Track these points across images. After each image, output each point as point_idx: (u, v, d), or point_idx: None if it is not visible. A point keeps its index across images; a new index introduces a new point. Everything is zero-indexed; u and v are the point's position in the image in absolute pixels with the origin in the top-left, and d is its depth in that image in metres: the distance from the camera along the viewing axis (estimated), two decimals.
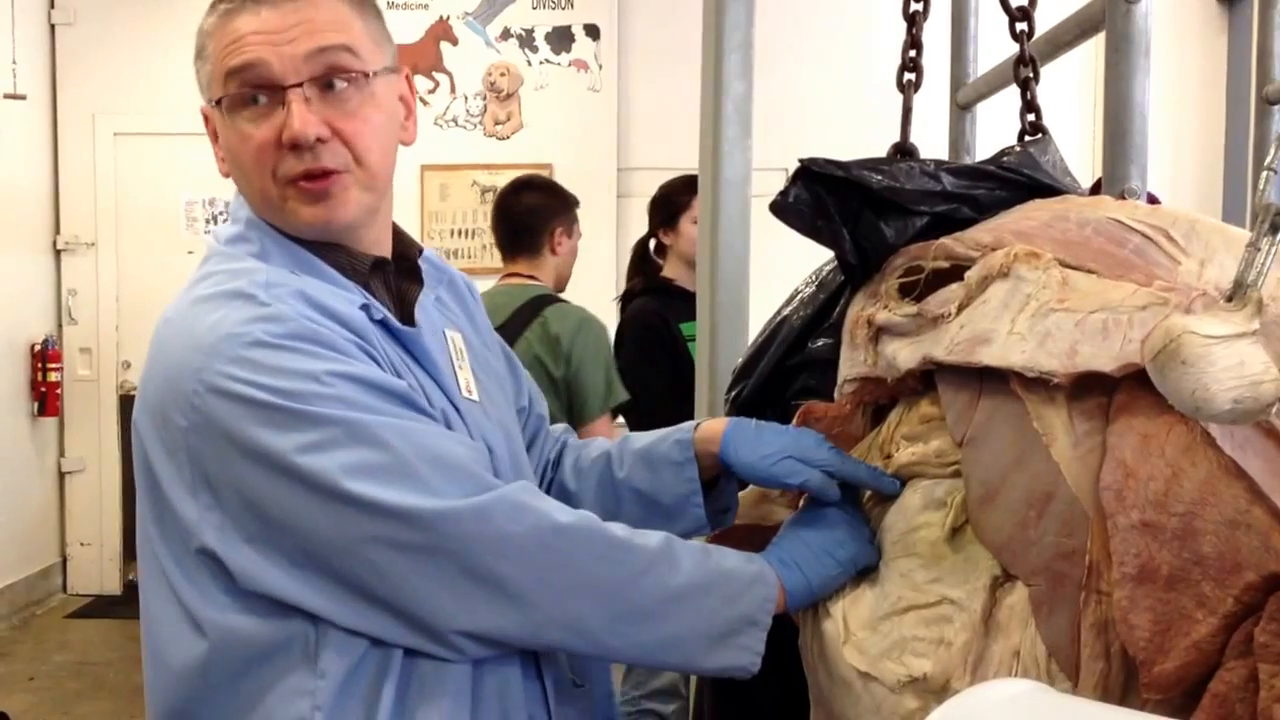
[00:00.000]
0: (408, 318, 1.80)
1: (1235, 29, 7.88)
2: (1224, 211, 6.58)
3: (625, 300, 4.90)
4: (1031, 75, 2.15)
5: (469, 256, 8.13)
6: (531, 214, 4.44)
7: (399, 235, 1.90)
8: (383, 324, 1.72)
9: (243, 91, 1.69)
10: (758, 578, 1.66)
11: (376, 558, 1.55)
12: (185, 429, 1.58)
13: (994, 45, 2.82)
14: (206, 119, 1.79)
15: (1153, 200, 2.08)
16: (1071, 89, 7.29)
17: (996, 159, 1.90)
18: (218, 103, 1.72)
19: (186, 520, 1.60)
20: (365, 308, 1.70)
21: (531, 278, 4.42)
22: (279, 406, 1.54)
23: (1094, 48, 2.26)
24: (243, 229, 1.76)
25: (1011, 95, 2.60)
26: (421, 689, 1.62)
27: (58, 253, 8.30)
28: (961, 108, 2.92)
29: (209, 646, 1.61)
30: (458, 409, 1.76)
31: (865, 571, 1.69)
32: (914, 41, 2.27)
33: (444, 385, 1.77)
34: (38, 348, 8.03)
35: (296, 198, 1.71)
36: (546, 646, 1.69)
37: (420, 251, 1.92)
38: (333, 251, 1.76)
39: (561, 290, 4.48)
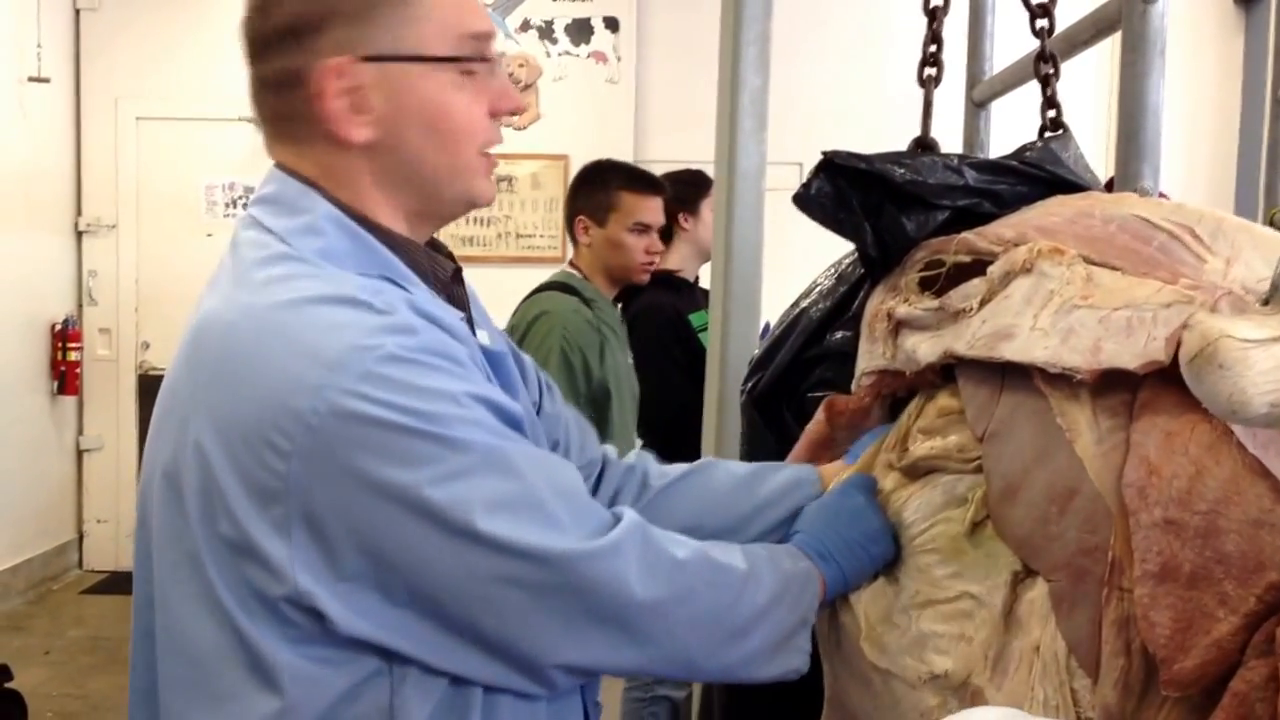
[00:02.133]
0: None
1: (1251, 30, 7.84)
2: (1236, 211, 6.56)
3: (626, 296, 4.74)
4: (1052, 71, 2.14)
5: (485, 245, 8.14)
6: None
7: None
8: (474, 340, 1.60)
9: (485, 60, 1.59)
10: (809, 576, 1.64)
11: (499, 596, 1.44)
12: (289, 454, 1.38)
13: (1010, 43, 2.82)
14: (342, 72, 1.53)
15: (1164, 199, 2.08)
16: (1086, 87, 7.27)
17: (1018, 154, 1.89)
18: (438, 60, 1.56)
19: (272, 561, 1.41)
20: (464, 320, 1.59)
21: (572, 265, 4.44)
22: (415, 430, 1.39)
23: (1109, 46, 2.26)
24: (313, 221, 1.55)
25: (1025, 93, 2.61)
26: None
27: (79, 234, 8.34)
28: (977, 104, 2.92)
29: (286, 701, 1.44)
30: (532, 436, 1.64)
31: (885, 566, 1.69)
32: (934, 36, 2.27)
33: (522, 403, 1.66)
34: (58, 327, 8.07)
35: (485, 171, 1.64)
36: (646, 675, 1.66)
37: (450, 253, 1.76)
38: (418, 254, 1.62)
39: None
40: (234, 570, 1.44)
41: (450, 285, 1.68)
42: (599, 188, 4.40)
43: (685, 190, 4.73)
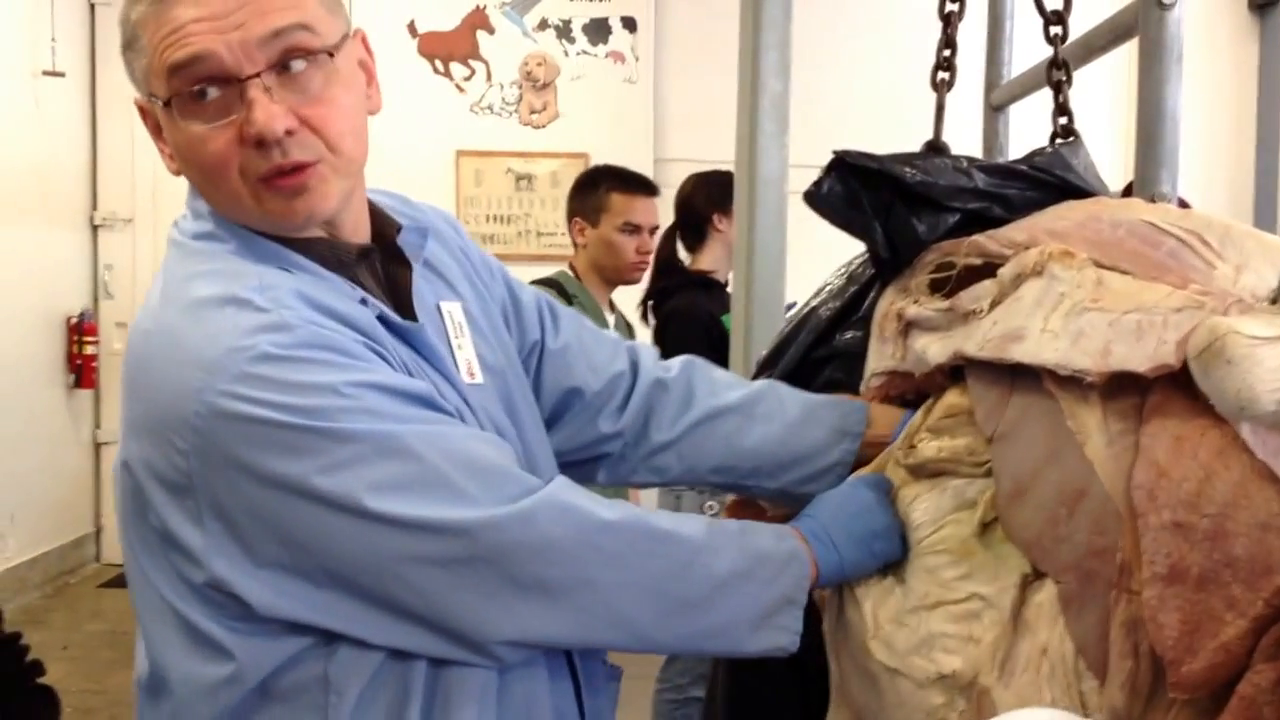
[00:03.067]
0: (404, 308, 1.68)
1: (1267, 37, 7.83)
2: (1256, 218, 6.56)
3: (658, 297, 4.78)
4: (1064, 79, 2.14)
5: (504, 242, 8.14)
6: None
7: (375, 214, 1.74)
8: (381, 319, 1.60)
9: (192, 89, 1.51)
10: (793, 555, 1.63)
11: (413, 575, 1.47)
12: (186, 453, 1.44)
13: (1030, 48, 2.82)
14: (144, 113, 1.59)
15: (1183, 205, 2.08)
16: (1103, 93, 7.25)
17: (1028, 159, 1.89)
18: (164, 102, 1.53)
19: (191, 551, 1.48)
20: (364, 302, 1.59)
21: (570, 266, 4.61)
22: (296, 426, 1.42)
23: (1126, 53, 2.26)
24: (212, 226, 1.60)
25: (1044, 98, 2.61)
26: (447, 697, 1.55)
27: (95, 228, 8.36)
28: (995, 109, 2.91)
29: (235, 668, 1.51)
30: (467, 402, 1.67)
31: (892, 566, 1.69)
32: (948, 41, 2.27)
33: (451, 378, 1.67)
34: (74, 321, 8.08)
35: (271, 197, 1.55)
36: (593, 646, 1.66)
37: (399, 229, 1.74)
38: (312, 244, 1.62)
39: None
40: (164, 559, 1.52)
41: (356, 266, 1.66)
42: (591, 190, 4.54)
43: (718, 190, 4.69)
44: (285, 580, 1.47)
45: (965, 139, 2.54)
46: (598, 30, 8.26)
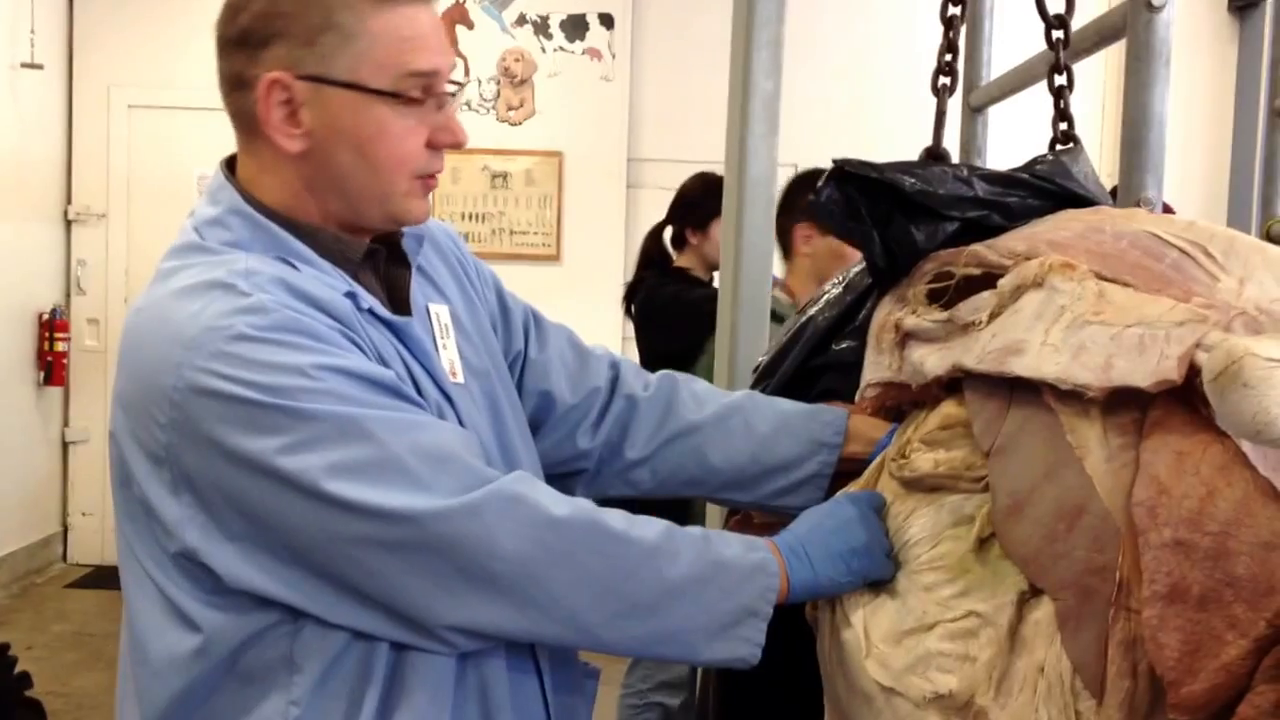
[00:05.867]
0: (400, 306, 1.77)
1: (1246, 39, 7.83)
2: (1230, 218, 6.56)
3: (638, 290, 4.78)
4: (1066, 84, 2.12)
5: (479, 240, 8.11)
6: None
7: None
8: (370, 313, 1.68)
9: (425, 97, 1.67)
10: (758, 567, 1.64)
11: (363, 557, 1.52)
12: (164, 426, 1.53)
13: (1007, 49, 2.82)
14: (282, 86, 1.65)
15: (1168, 210, 2.07)
16: (1078, 96, 7.27)
17: (1029, 167, 1.87)
18: (374, 92, 1.64)
19: (167, 521, 1.56)
20: (351, 295, 1.66)
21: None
22: (263, 404, 1.49)
23: (1104, 57, 2.26)
24: (221, 213, 1.69)
25: (1021, 99, 2.60)
26: (404, 682, 1.59)
27: (68, 223, 8.28)
28: (974, 110, 2.91)
29: (203, 640, 1.58)
30: (449, 397, 1.73)
31: (886, 583, 1.67)
32: (950, 45, 2.25)
33: (435, 373, 1.73)
34: (45, 317, 8.00)
35: (420, 195, 1.72)
36: (542, 641, 1.67)
37: (402, 234, 1.84)
38: (319, 233, 1.71)
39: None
40: (146, 528, 1.60)
41: (360, 265, 1.75)
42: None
43: (694, 204, 4.70)
44: (251, 553, 1.54)
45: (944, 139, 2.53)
46: (575, 26, 8.23)
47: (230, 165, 1.76)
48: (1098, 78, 7.40)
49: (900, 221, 1.79)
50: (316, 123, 1.66)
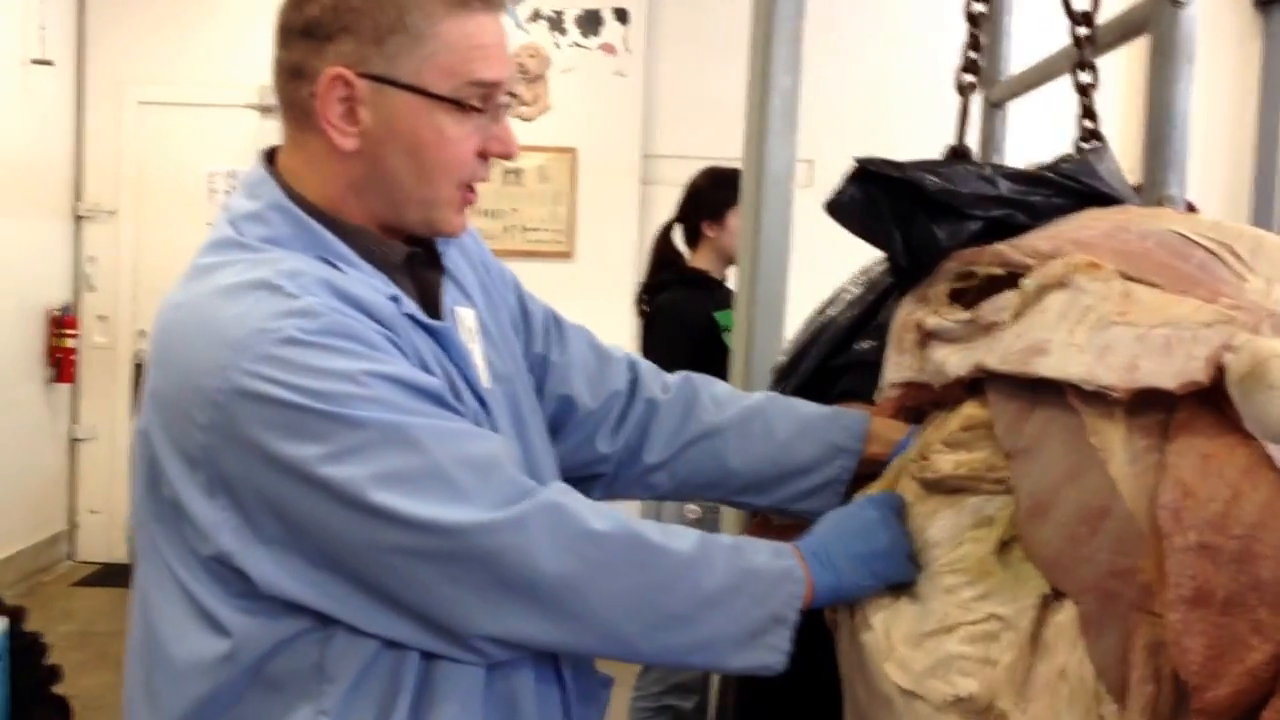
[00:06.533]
0: (432, 309, 1.75)
1: (1271, 34, 7.81)
2: (1252, 220, 6.55)
3: (651, 292, 4.76)
4: (1091, 81, 2.10)
5: (491, 238, 8.09)
6: None
7: None
8: (410, 317, 1.67)
9: (485, 106, 1.66)
10: (786, 574, 1.64)
11: (403, 566, 1.51)
12: (204, 428, 1.51)
13: (1027, 43, 2.81)
14: (344, 82, 1.63)
15: (1190, 209, 2.05)
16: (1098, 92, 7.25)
17: (1054, 165, 1.86)
18: (435, 97, 1.64)
19: (200, 523, 1.54)
20: (395, 299, 1.65)
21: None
22: (310, 409, 1.48)
23: (1126, 53, 2.24)
24: (261, 208, 1.67)
25: (1042, 94, 2.58)
26: (433, 692, 1.59)
27: (78, 219, 8.27)
28: (993, 105, 2.89)
29: (231, 645, 1.56)
30: (485, 404, 1.73)
31: (906, 585, 1.67)
32: (975, 42, 2.23)
33: (472, 380, 1.73)
34: (55, 314, 8.01)
35: (459, 205, 1.72)
36: (576, 652, 1.67)
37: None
38: (366, 238, 1.70)
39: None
40: (175, 530, 1.57)
41: (400, 269, 1.74)
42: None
43: (711, 196, 4.67)
44: (285, 558, 1.53)
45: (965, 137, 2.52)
46: (590, 22, 8.21)
47: (269, 157, 1.75)
48: (1119, 73, 7.37)
49: (922, 220, 1.78)
50: (374, 122, 1.64)
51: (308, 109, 1.65)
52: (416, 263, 1.78)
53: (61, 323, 8.01)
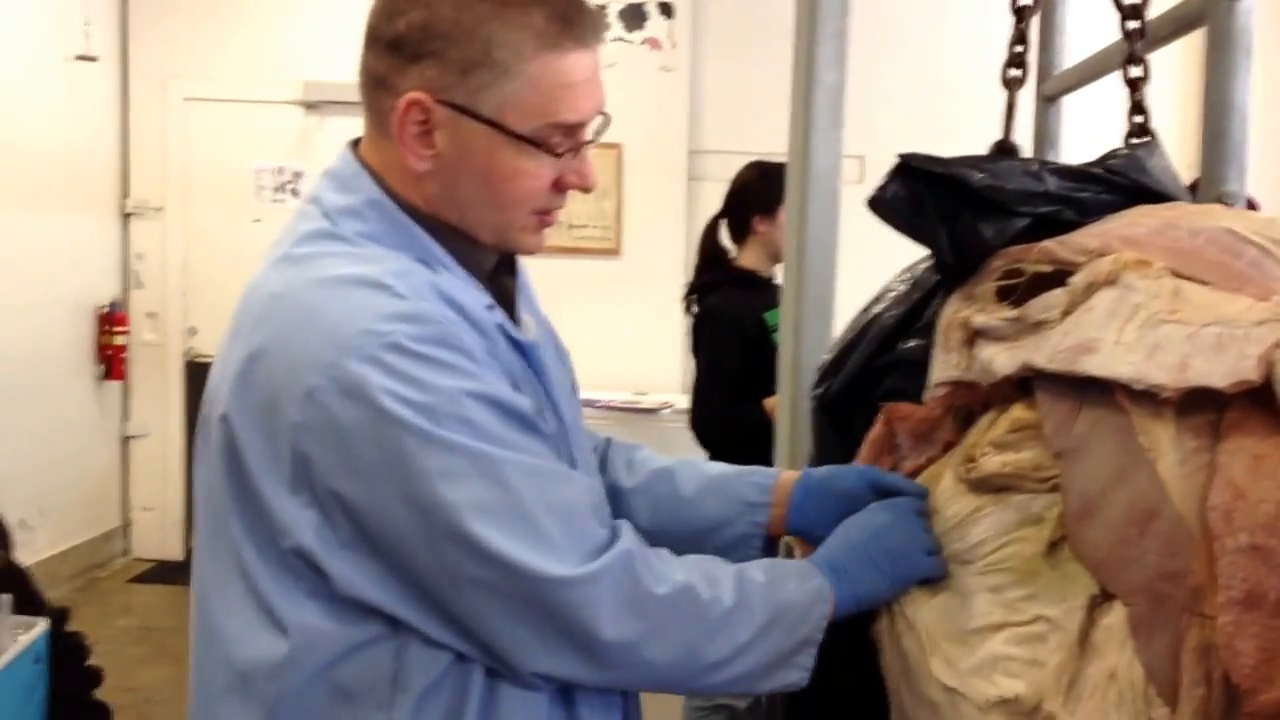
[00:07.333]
0: (510, 316, 1.74)
1: None
2: None
3: (700, 292, 4.69)
4: (1142, 75, 2.08)
5: None
6: None
7: None
8: (500, 328, 1.66)
9: (565, 147, 1.65)
10: (817, 597, 1.67)
11: (474, 595, 1.52)
12: (298, 424, 1.49)
13: (1082, 36, 2.77)
14: (423, 108, 1.61)
15: (1252, 205, 2.03)
16: (1154, 85, 7.17)
17: (1103, 161, 1.84)
18: (513, 135, 1.61)
19: (281, 517, 1.53)
20: (490, 308, 1.65)
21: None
22: (408, 424, 1.47)
23: (1182, 46, 2.21)
24: (358, 204, 1.66)
25: (1100, 88, 2.55)
26: (499, 705, 1.60)
27: (126, 216, 8.31)
28: (1047, 99, 2.87)
29: (290, 647, 1.55)
30: (565, 428, 1.74)
31: (948, 582, 1.67)
32: (1021, 36, 2.21)
33: (556, 400, 1.73)
34: (104, 311, 8.04)
35: (534, 229, 1.71)
36: (617, 688, 1.71)
37: None
38: (460, 242, 1.69)
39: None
40: (254, 519, 1.56)
41: (489, 275, 1.75)
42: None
43: (760, 190, 4.58)
44: (363, 561, 1.52)
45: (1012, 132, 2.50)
46: (634, 16, 8.18)
47: (354, 147, 1.74)
48: (1176, 66, 7.30)
49: (968, 218, 1.76)
50: (449, 148, 1.63)
51: (387, 119, 1.64)
52: (504, 272, 1.80)
53: (110, 320, 8.05)
